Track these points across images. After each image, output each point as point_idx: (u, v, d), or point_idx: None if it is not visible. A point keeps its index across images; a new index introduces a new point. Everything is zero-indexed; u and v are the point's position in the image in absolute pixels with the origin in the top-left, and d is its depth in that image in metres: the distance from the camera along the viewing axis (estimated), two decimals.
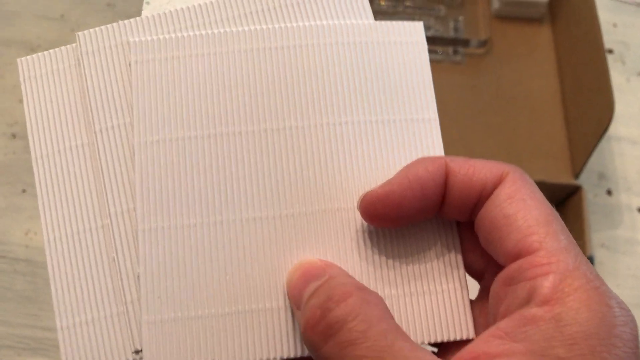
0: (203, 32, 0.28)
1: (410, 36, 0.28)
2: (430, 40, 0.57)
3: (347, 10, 0.28)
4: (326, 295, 0.21)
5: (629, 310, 0.19)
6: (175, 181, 0.26)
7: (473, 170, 0.22)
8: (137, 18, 0.28)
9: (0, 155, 0.59)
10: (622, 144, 0.60)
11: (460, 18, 0.60)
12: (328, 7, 0.28)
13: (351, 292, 0.21)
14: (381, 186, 0.23)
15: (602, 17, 0.65)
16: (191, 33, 0.28)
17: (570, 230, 0.50)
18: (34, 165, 0.26)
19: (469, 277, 0.25)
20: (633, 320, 0.19)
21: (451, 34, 0.59)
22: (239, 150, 0.26)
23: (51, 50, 0.28)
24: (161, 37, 0.28)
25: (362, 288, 0.21)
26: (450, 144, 0.51)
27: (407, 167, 0.23)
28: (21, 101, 0.62)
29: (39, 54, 0.28)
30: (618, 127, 0.61)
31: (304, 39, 0.28)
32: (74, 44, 0.28)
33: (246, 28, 0.28)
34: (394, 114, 0.27)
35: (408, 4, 0.60)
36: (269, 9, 0.28)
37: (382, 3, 0.60)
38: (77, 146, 0.27)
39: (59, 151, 0.27)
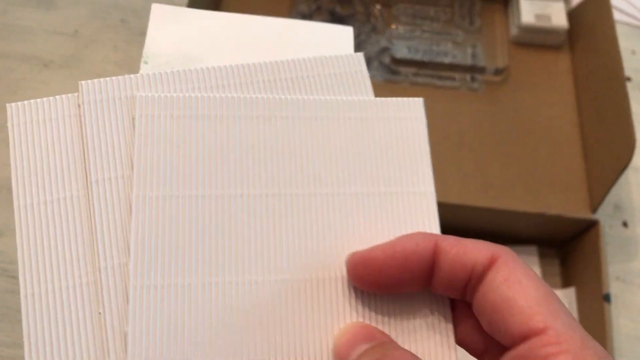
0: (210, 95, 0.28)
1: (410, 111, 0.29)
2: (448, 67, 0.57)
3: (350, 86, 0.30)
4: (381, 353, 0.22)
5: None
6: (172, 239, 0.26)
7: (464, 250, 0.23)
8: (140, 74, 0.28)
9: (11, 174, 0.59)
10: (638, 175, 0.59)
11: (478, 44, 0.59)
12: (331, 83, 0.30)
13: (407, 357, 0.21)
14: (367, 250, 0.24)
15: (620, 44, 0.65)
16: (198, 94, 0.28)
17: (587, 265, 0.49)
18: (15, 215, 0.25)
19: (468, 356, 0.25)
20: None
21: (469, 60, 0.58)
22: (238, 213, 0.27)
23: (44, 99, 0.28)
24: (168, 95, 0.28)
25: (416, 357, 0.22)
26: (468, 175, 0.51)
27: (399, 237, 0.24)
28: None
29: (32, 101, 0.28)
30: (635, 157, 0.60)
31: (307, 111, 0.29)
32: (69, 94, 0.28)
33: (252, 95, 0.28)
34: (390, 186, 0.28)
35: (426, 28, 0.60)
36: (274, 80, 0.29)
37: (400, 28, 0.60)
38: (65, 198, 0.26)
39: (45, 202, 0.26)
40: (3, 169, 0.59)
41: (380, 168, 0.28)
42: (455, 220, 0.53)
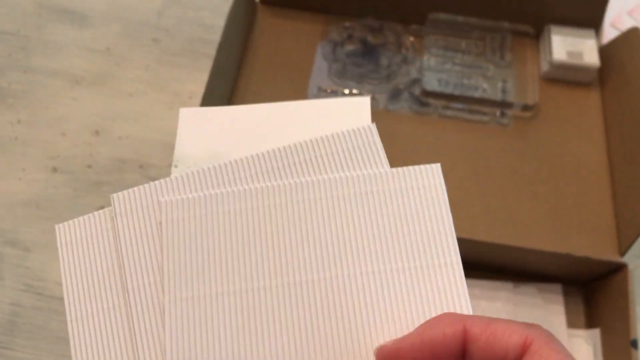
0: (228, 189, 0.29)
1: (428, 179, 0.30)
2: (478, 101, 0.57)
3: (364, 160, 0.30)
4: None
5: None
6: (203, 339, 0.27)
7: (494, 335, 0.22)
8: (167, 178, 0.30)
9: (41, 190, 0.60)
10: None
11: (509, 79, 0.59)
12: (346, 158, 0.30)
13: None
14: (394, 342, 0.24)
15: None
16: (217, 191, 0.29)
17: (614, 308, 0.49)
18: (69, 327, 0.28)
19: None
20: None
21: (499, 95, 0.58)
22: (263, 306, 0.28)
23: (86, 216, 0.30)
24: (189, 195, 0.29)
25: None
26: (494, 212, 0.51)
27: (425, 325, 0.24)
28: (64, 134, 0.62)
29: (75, 220, 0.30)
30: None
31: (323, 191, 0.29)
32: (105, 209, 0.30)
33: (269, 184, 0.29)
34: (414, 260, 0.28)
35: (457, 61, 0.60)
36: (291, 164, 0.30)
37: (432, 60, 0.60)
38: (109, 308, 0.28)
39: (92, 313, 0.28)
40: (31, 184, 0.60)
41: (402, 242, 0.28)
42: (482, 257, 0.53)
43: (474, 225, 0.51)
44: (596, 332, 0.52)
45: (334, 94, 0.58)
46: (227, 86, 0.57)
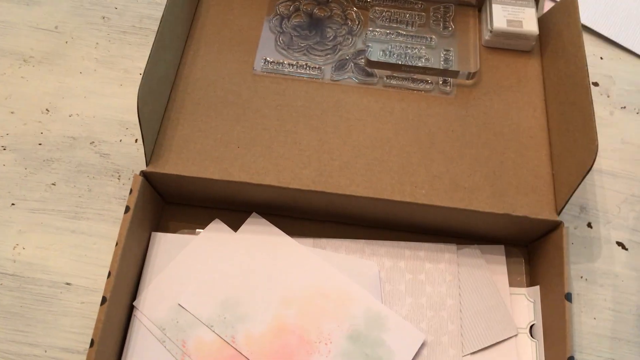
0: None
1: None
2: (421, 70, 0.58)
3: None
4: None
5: None
6: None
7: None
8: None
9: None
10: (603, 177, 0.61)
11: (451, 49, 0.61)
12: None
13: None
14: None
15: (589, 50, 0.67)
16: None
17: (552, 265, 0.51)
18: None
19: None
20: None
21: (441, 64, 0.60)
22: None
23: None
24: None
25: None
26: (437, 177, 0.52)
27: None
28: (12, 112, 0.62)
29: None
30: (600, 160, 0.62)
31: None
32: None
33: None
34: None
35: (401, 32, 0.61)
36: None
37: (376, 31, 0.61)
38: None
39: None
40: (97, 197, 0.60)
41: None
42: (425, 220, 0.55)
43: (417, 189, 0.52)
44: (536, 289, 0.54)
45: (280, 64, 0.59)
46: (173, 58, 0.57)
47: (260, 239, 0.54)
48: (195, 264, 0.53)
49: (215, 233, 0.55)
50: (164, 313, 0.51)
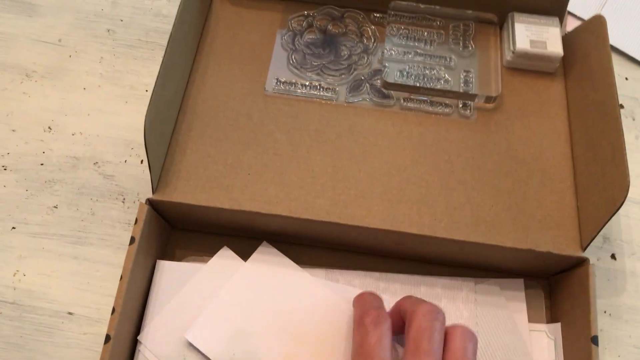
0: None
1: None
2: (440, 92, 0.56)
3: None
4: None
5: None
6: None
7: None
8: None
9: None
10: (628, 206, 0.59)
11: (472, 70, 0.58)
12: None
13: None
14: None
15: (614, 70, 0.64)
16: None
17: (575, 303, 0.50)
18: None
19: None
20: None
21: (461, 86, 0.57)
22: None
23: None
24: None
25: None
26: (456, 207, 0.50)
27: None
28: (14, 130, 0.60)
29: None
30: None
31: None
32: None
33: None
34: None
35: (419, 50, 0.59)
36: None
37: (393, 50, 0.59)
38: None
39: None
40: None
41: None
42: (443, 253, 0.52)
43: (435, 221, 0.50)
44: (557, 326, 0.51)
45: (293, 85, 0.56)
46: (181, 78, 0.55)
47: (271, 270, 0.52)
48: (203, 296, 0.51)
49: (224, 262, 0.53)
50: (169, 348, 0.49)
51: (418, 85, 0.56)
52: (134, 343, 0.50)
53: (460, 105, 0.56)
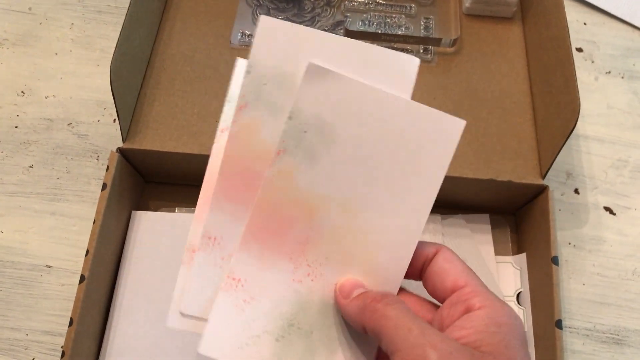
0: None
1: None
2: (401, 38, 0.57)
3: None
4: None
5: (516, 314, 0.31)
6: None
7: (420, 250, 0.34)
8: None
9: None
10: (589, 143, 0.61)
11: (431, 17, 0.60)
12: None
13: None
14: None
15: (572, 15, 0.66)
16: None
17: (538, 231, 0.50)
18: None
19: None
20: (519, 317, 0.31)
21: (422, 32, 0.59)
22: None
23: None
24: None
25: None
26: None
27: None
28: None
29: None
30: (585, 126, 0.61)
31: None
32: None
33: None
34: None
35: (380, 1, 0.60)
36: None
37: (354, 1, 0.60)
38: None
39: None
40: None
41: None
42: None
43: None
44: (522, 257, 0.53)
45: None
46: (148, 35, 0.56)
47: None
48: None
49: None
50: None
51: (380, 32, 0.58)
52: (112, 286, 0.52)
53: (421, 51, 0.58)
